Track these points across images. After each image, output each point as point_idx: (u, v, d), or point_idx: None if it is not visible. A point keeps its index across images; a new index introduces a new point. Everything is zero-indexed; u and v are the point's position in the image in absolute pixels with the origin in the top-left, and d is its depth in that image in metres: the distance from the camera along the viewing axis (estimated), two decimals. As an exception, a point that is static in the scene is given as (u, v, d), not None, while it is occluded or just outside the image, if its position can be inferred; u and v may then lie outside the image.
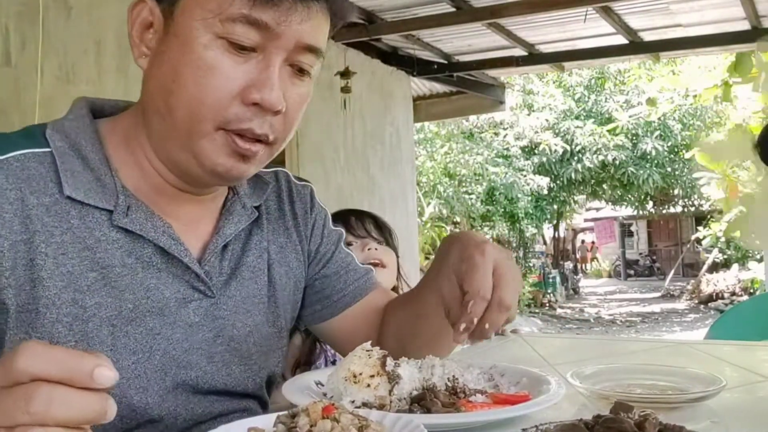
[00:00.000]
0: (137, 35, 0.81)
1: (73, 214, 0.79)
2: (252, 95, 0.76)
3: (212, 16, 0.75)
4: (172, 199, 0.86)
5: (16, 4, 3.01)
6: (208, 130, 0.77)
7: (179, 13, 0.77)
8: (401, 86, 6.67)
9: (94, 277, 0.78)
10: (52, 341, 0.74)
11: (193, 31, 0.75)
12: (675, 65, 13.09)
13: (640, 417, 0.66)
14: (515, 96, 14.35)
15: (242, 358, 0.90)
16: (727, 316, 2.42)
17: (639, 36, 5.77)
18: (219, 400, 0.88)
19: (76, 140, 0.82)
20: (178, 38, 0.76)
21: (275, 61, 0.77)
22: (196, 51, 0.75)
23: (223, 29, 0.75)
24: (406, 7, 5.05)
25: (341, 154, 5.91)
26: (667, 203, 19.53)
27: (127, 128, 0.86)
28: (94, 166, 0.81)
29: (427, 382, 0.81)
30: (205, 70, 0.75)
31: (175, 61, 0.76)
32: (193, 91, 0.76)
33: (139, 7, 0.80)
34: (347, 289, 1.04)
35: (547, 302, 14.65)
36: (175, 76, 0.76)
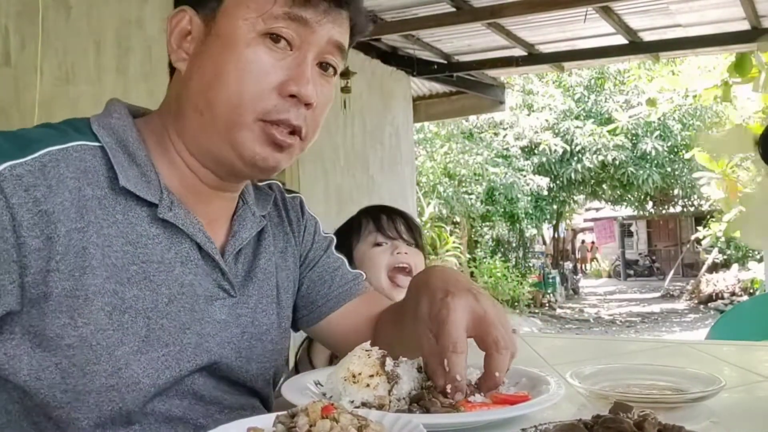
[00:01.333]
0: (176, 42, 0.86)
1: (118, 209, 0.83)
2: (289, 87, 0.82)
3: (255, 15, 0.81)
4: (199, 198, 0.91)
5: (16, 4, 3.01)
6: (247, 121, 0.83)
7: (221, 15, 0.83)
8: (401, 86, 6.68)
9: (134, 270, 0.82)
10: (96, 328, 0.78)
11: (236, 30, 0.81)
12: (675, 65, 13.10)
13: (639, 417, 0.66)
14: (515, 96, 14.36)
15: (258, 355, 0.94)
16: (727, 316, 2.42)
17: (639, 36, 5.78)
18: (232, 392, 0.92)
19: (123, 137, 0.85)
20: (221, 38, 0.82)
21: (309, 58, 0.84)
22: (238, 48, 0.81)
23: (265, 26, 0.81)
24: (406, 7, 5.05)
25: (341, 154, 5.91)
26: (667, 203, 19.54)
27: (158, 129, 0.90)
28: (140, 162, 0.85)
29: (426, 381, 0.81)
30: (246, 66, 0.81)
31: (217, 58, 0.82)
32: (234, 85, 0.81)
33: (179, 16, 0.86)
34: (332, 294, 1.07)
35: (546, 302, 14.65)
36: (216, 73, 0.82)
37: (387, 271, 1.60)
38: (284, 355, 1.02)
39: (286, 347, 1.03)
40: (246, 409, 0.94)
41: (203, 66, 0.83)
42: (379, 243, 1.64)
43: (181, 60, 0.86)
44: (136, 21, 3.50)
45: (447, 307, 0.78)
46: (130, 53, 3.44)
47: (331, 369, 0.83)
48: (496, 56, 6.26)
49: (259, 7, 0.81)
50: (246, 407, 0.94)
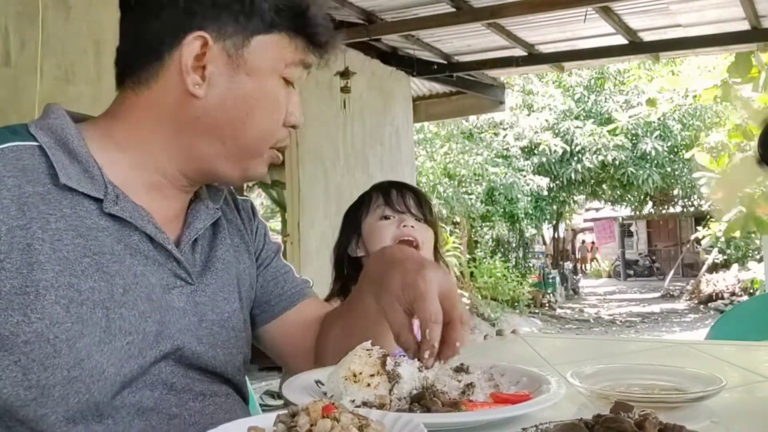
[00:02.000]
0: (191, 65, 0.87)
1: (65, 203, 0.84)
2: (292, 119, 0.94)
3: (281, 61, 0.90)
4: (158, 195, 0.93)
5: (16, 4, 3.01)
6: (265, 150, 0.94)
7: (251, 57, 0.88)
8: (401, 86, 6.68)
9: (87, 263, 0.83)
10: (51, 322, 0.79)
11: (265, 74, 0.90)
12: (675, 65, 13.11)
13: (640, 417, 0.66)
14: (515, 96, 14.35)
15: (223, 341, 0.96)
16: (727, 316, 2.42)
17: (639, 36, 5.78)
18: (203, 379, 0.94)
19: (62, 135, 0.87)
20: (252, 79, 0.89)
21: (297, 90, 0.94)
22: (267, 89, 0.90)
23: (285, 71, 0.91)
24: (405, 7, 5.06)
25: (341, 154, 5.91)
26: (667, 203, 19.54)
27: (109, 132, 0.91)
28: (81, 159, 0.86)
29: (426, 381, 0.81)
30: (275, 105, 0.91)
31: (250, 98, 0.89)
32: (266, 123, 0.91)
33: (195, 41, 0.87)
34: (284, 294, 1.10)
35: (546, 302, 14.64)
36: (249, 111, 0.89)
37: (392, 243, 1.59)
38: (249, 344, 1.04)
39: (248, 336, 1.05)
40: (220, 395, 0.95)
41: (234, 100, 0.89)
42: (387, 216, 1.64)
43: (197, 85, 0.88)
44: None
45: (424, 280, 0.83)
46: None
47: (331, 368, 0.83)
48: (496, 56, 6.27)
49: (284, 55, 0.90)
50: (219, 394, 0.95)
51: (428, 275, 0.83)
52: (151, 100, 0.90)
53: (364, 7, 5.04)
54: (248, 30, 0.88)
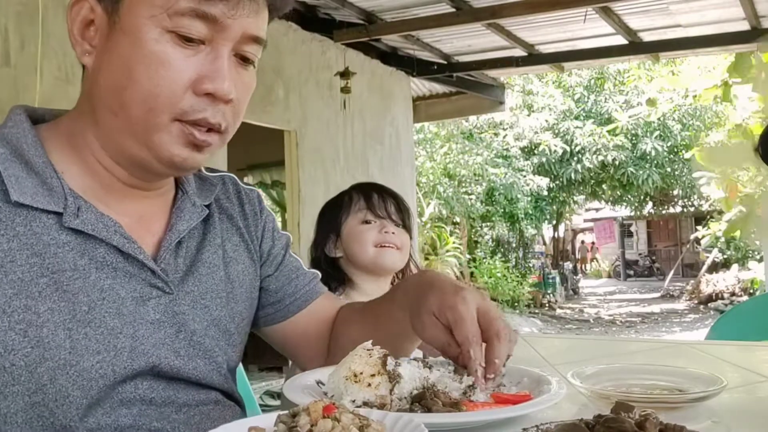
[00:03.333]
0: (78, 33, 0.81)
1: (18, 221, 0.78)
2: (204, 86, 0.78)
3: (160, 12, 0.76)
4: (122, 197, 0.87)
5: (16, 4, 3.01)
6: (164, 122, 0.79)
7: (125, 10, 0.77)
8: (401, 86, 6.68)
9: (45, 283, 0.78)
10: (6, 350, 0.75)
11: (142, 27, 0.76)
12: (674, 65, 13.10)
13: (640, 417, 0.66)
14: (515, 96, 14.36)
15: (205, 351, 0.90)
16: (727, 316, 2.42)
17: (638, 36, 5.78)
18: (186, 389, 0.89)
19: (17, 145, 0.81)
20: (127, 35, 0.77)
21: (223, 53, 0.79)
22: (146, 46, 0.76)
23: (171, 23, 0.76)
24: (405, 8, 5.06)
25: (341, 155, 5.91)
26: (667, 203, 19.54)
27: (69, 130, 0.86)
28: (38, 170, 0.80)
29: (426, 381, 0.81)
30: (157, 65, 0.76)
31: (126, 57, 0.77)
32: (147, 85, 0.77)
33: (79, 5, 0.80)
34: (298, 293, 1.06)
35: (546, 303, 14.64)
36: (127, 73, 0.77)
37: (373, 248, 1.65)
38: (239, 350, 0.99)
39: (240, 342, 0.99)
40: (208, 404, 0.91)
41: (112, 63, 0.78)
42: (368, 221, 1.68)
43: (86, 53, 0.81)
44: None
45: (463, 302, 0.83)
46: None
47: (332, 368, 0.83)
48: (496, 56, 6.27)
49: (164, 3, 0.76)
50: (207, 402, 0.91)
51: (466, 297, 0.83)
52: (82, 86, 0.86)
53: (364, 7, 5.04)
54: None
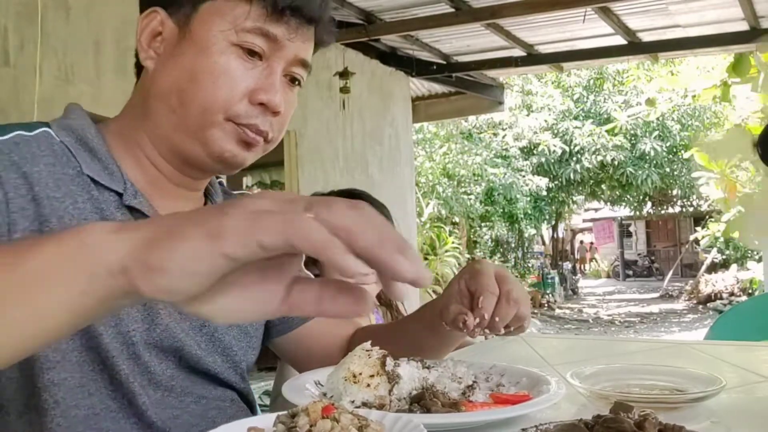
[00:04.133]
0: (146, 42, 0.89)
1: (91, 188, 0.86)
2: (259, 96, 0.87)
3: (230, 28, 0.85)
4: (165, 193, 0.94)
5: (15, 4, 3.01)
6: (218, 120, 0.87)
7: (197, 23, 0.86)
8: (400, 87, 6.68)
9: None
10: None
11: (211, 39, 0.85)
12: (674, 66, 13.11)
13: (639, 417, 0.66)
14: (514, 96, 14.36)
15: (224, 348, 0.96)
16: (726, 316, 2.42)
17: (638, 36, 5.79)
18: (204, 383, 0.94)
19: (82, 135, 0.88)
20: (196, 44, 0.86)
21: (277, 70, 0.88)
22: (212, 56, 0.85)
23: (237, 38, 0.85)
24: (405, 8, 5.06)
25: (340, 155, 5.91)
26: (666, 204, 19.55)
27: (120, 130, 0.93)
28: (101, 157, 0.88)
29: (426, 381, 0.81)
30: (220, 73, 0.85)
31: (192, 64, 0.86)
32: (208, 89, 0.85)
33: (150, 17, 0.89)
34: None
35: (545, 303, 14.65)
36: (191, 77, 0.85)
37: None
38: (257, 351, 1.04)
39: (256, 346, 1.04)
40: (224, 400, 0.96)
41: (177, 68, 0.86)
42: None
43: (150, 59, 0.89)
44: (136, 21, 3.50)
45: (479, 264, 0.91)
46: (129, 53, 3.42)
47: (331, 369, 0.83)
48: (495, 57, 6.27)
49: (234, 20, 0.85)
50: (224, 399, 0.96)
51: (483, 262, 0.92)
52: (136, 89, 0.94)
53: (363, 7, 5.04)
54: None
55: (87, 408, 0.82)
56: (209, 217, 0.45)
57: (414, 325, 1.06)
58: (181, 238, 0.45)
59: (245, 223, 0.44)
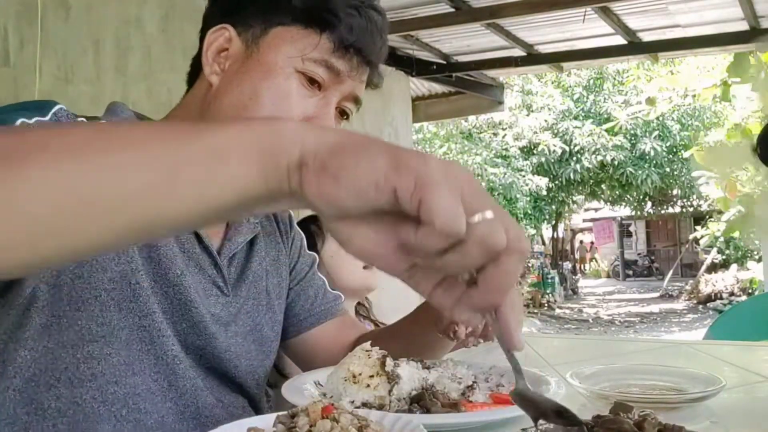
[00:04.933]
0: (212, 56, 0.91)
1: None
2: (315, 123, 0.89)
3: (297, 55, 0.88)
4: None
5: (15, 3, 3.01)
6: None
7: (266, 46, 0.89)
8: (400, 86, 6.68)
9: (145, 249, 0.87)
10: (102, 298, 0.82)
11: (278, 62, 0.88)
12: (674, 65, 13.10)
13: (639, 417, 0.66)
14: (514, 96, 14.36)
15: (245, 353, 0.97)
16: (726, 316, 2.42)
17: (638, 36, 5.78)
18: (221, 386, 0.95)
19: None
20: (262, 65, 0.88)
21: (333, 102, 0.92)
22: (277, 78, 0.88)
23: (303, 66, 0.88)
24: (405, 8, 5.05)
25: (340, 155, 5.90)
26: (666, 203, 19.54)
27: None
28: None
29: (426, 381, 0.81)
30: (283, 95, 0.88)
31: (257, 83, 0.88)
32: (268, 109, 0.87)
33: (217, 34, 0.91)
34: (314, 310, 1.13)
35: (545, 302, 14.65)
36: (252, 95, 0.87)
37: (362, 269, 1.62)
38: (272, 358, 1.06)
39: (274, 351, 1.06)
40: (237, 407, 0.97)
41: (242, 86, 0.88)
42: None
43: (215, 74, 0.91)
44: (136, 21, 3.49)
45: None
46: (129, 53, 3.43)
47: (331, 369, 0.83)
48: (495, 56, 6.26)
49: (303, 48, 0.88)
50: (236, 405, 0.97)
51: None
52: (189, 98, 0.96)
53: (363, 7, 5.04)
54: (270, 22, 0.89)
55: (128, 386, 0.83)
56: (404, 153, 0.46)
57: (412, 328, 1.07)
58: (367, 156, 0.45)
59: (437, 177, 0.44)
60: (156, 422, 0.85)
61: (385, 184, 0.44)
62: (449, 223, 0.43)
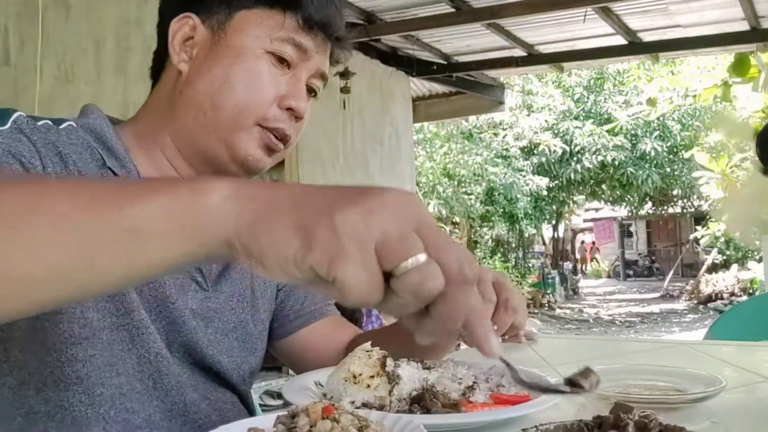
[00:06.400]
0: (178, 45, 0.92)
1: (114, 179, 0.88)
2: (288, 101, 0.92)
3: (265, 35, 0.90)
4: None
5: (16, 4, 3.01)
6: (249, 124, 0.91)
7: (232, 30, 0.91)
8: (400, 86, 6.67)
9: None
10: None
11: (247, 44, 0.90)
12: (674, 66, 13.11)
13: (639, 418, 0.65)
14: (514, 96, 14.35)
15: (228, 349, 0.98)
16: (726, 316, 2.42)
17: (638, 36, 5.78)
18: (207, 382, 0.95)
19: (101, 134, 0.90)
20: (231, 50, 0.90)
21: (303, 79, 0.94)
22: (248, 61, 0.90)
23: (271, 46, 0.91)
24: (405, 8, 5.06)
25: (340, 155, 5.91)
26: (666, 203, 19.54)
27: (138, 132, 0.95)
28: (119, 156, 0.89)
29: (426, 382, 0.81)
30: (254, 76, 0.90)
31: (227, 67, 0.90)
32: (243, 92, 0.89)
33: (183, 21, 0.92)
34: (302, 311, 1.13)
35: (546, 303, 14.64)
36: (225, 79, 0.89)
37: None
38: (258, 356, 1.06)
39: (261, 348, 1.06)
40: (225, 402, 0.97)
41: (212, 71, 0.90)
42: None
43: (183, 62, 0.92)
44: (136, 21, 3.50)
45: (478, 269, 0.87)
46: (129, 53, 3.44)
47: (331, 369, 0.83)
48: (495, 57, 6.26)
49: (269, 29, 0.90)
50: (224, 401, 0.98)
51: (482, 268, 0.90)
52: (158, 91, 0.96)
53: (363, 7, 5.04)
54: (233, 6, 0.91)
55: (113, 387, 0.83)
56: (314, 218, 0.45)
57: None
58: (282, 231, 0.46)
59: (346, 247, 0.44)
60: (144, 421, 0.85)
61: (302, 264, 0.44)
62: (364, 299, 0.44)
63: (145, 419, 0.85)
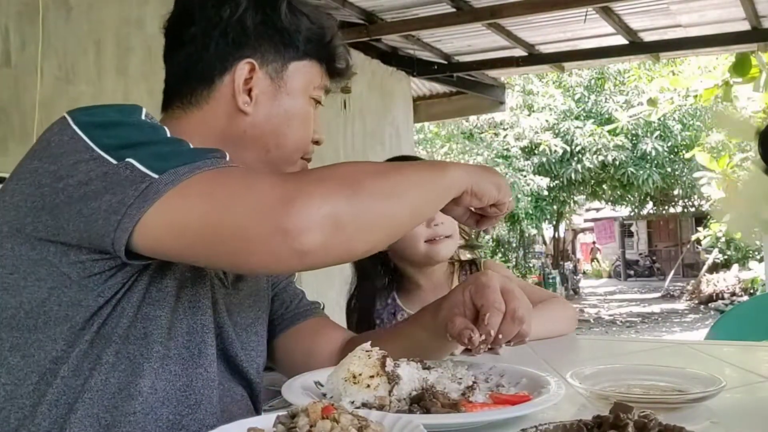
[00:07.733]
0: (240, 87, 1.01)
1: None
2: (317, 136, 1.09)
3: (310, 84, 1.06)
4: None
5: (16, 4, 3.01)
6: (297, 158, 1.08)
7: (289, 79, 1.04)
8: (401, 86, 6.67)
9: None
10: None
11: (301, 92, 1.05)
12: (675, 66, 13.10)
13: (639, 418, 0.65)
14: (515, 96, 14.35)
15: (245, 343, 1.05)
16: (727, 316, 2.42)
17: (639, 36, 5.77)
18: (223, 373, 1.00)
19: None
20: (290, 96, 1.04)
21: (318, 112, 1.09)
22: (303, 106, 1.05)
23: (314, 93, 1.07)
24: (406, 8, 5.05)
25: (341, 155, 5.90)
26: (667, 203, 19.53)
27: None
28: None
29: (426, 382, 0.81)
30: (306, 119, 1.06)
31: (287, 110, 1.04)
32: (300, 132, 1.05)
33: (244, 66, 1.01)
34: (287, 314, 1.20)
35: (547, 302, 14.60)
36: (287, 122, 1.04)
37: (424, 240, 1.61)
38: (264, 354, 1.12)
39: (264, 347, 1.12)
40: (237, 395, 1.03)
41: (276, 114, 1.03)
42: None
43: (246, 104, 1.01)
44: (136, 21, 3.50)
45: (486, 275, 0.98)
46: (130, 53, 3.44)
47: (331, 369, 0.83)
48: (496, 56, 6.25)
49: (313, 78, 1.06)
50: (236, 393, 1.03)
51: (489, 273, 0.99)
52: (200, 118, 1.02)
53: (364, 7, 5.04)
54: (286, 57, 1.03)
55: (167, 349, 0.89)
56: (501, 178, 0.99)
57: (414, 330, 1.09)
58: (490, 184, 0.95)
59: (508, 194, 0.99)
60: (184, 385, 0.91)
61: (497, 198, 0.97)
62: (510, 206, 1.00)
63: (186, 384, 0.91)
